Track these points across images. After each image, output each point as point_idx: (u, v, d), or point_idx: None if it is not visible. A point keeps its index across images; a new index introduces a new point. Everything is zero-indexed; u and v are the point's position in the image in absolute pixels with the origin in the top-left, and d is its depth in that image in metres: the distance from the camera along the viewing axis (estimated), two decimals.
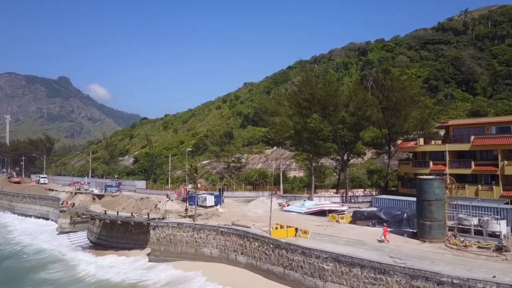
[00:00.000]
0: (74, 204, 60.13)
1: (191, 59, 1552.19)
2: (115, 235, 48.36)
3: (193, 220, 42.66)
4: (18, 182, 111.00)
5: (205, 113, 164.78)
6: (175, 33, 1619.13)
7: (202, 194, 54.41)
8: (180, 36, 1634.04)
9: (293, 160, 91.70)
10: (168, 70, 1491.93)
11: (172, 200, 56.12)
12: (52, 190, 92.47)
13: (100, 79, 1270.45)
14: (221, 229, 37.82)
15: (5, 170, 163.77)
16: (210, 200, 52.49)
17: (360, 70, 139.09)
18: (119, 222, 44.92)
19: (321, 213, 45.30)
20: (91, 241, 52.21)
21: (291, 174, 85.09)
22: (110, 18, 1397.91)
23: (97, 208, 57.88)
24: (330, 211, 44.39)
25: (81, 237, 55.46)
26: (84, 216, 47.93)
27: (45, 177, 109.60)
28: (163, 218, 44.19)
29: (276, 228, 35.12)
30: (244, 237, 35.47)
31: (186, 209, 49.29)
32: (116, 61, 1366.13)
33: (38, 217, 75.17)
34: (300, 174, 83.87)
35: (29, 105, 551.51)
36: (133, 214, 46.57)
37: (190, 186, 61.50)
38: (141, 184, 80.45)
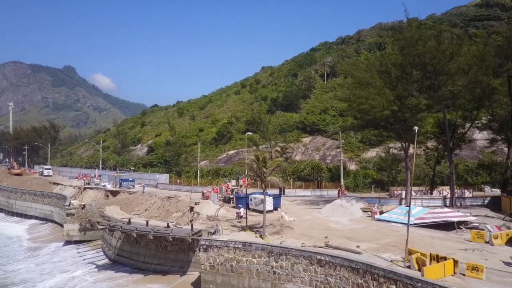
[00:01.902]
0: (84, 205, 46.69)
1: (198, 46, 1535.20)
2: (142, 252, 34.94)
3: (261, 237, 29.01)
4: (19, 174, 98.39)
5: (223, 98, 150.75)
6: (181, 20, 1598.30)
7: (255, 193, 40.74)
8: (185, 24, 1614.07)
9: (339, 150, 77.59)
10: (173, 59, 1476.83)
11: (213, 202, 42.58)
12: (57, 184, 79.57)
13: (104, 69, 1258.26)
14: (318, 256, 24.03)
15: (7, 160, 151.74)
16: (268, 202, 38.75)
17: (400, 49, 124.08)
18: (151, 237, 31.34)
19: (439, 226, 31.63)
20: (108, 258, 38.89)
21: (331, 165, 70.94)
22: (115, 6, 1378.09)
23: (114, 210, 44.44)
24: (459, 223, 30.66)
25: (95, 250, 42.23)
26: (101, 226, 34.59)
27: (50, 169, 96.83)
28: (214, 232, 30.59)
29: (419, 260, 21.38)
30: (365, 273, 21.67)
31: (241, 216, 35.69)
32: (120, 51, 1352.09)
33: (41, 219, 61.92)
34: (351, 166, 70.21)
35: (34, 94, 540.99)
36: (169, 225, 32.98)
37: (233, 182, 47.83)
38: (164, 178, 67.03)
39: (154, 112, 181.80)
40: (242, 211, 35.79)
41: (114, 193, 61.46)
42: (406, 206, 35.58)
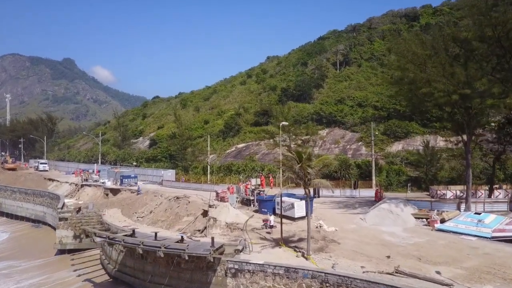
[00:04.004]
0: (79, 208, 40.07)
1: (199, 36, 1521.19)
2: (149, 269, 28.38)
3: (305, 257, 22.47)
4: (13, 169, 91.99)
5: (228, 89, 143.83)
6: (180, 9, 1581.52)
7: (285, 197, 34.07)
8: (185, 13, 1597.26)
9: (361, 143, 70.98)
10: (173, 49, 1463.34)
11: (232, 205, 35.97)
12: (53, 180, 73.25)
13: (103, 62, 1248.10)
14: None
15: (3, 153, 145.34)
16: (300, 207, 32.24)
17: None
18: (161, 255, 24.76)
19: None
20: (108, 273, 32.33)
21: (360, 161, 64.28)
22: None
23: (115, 216, 38.04)
24: None
25: (92, 262, 35.64)
26: (98, 239, 28.03)
27: (45, 163, 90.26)
28: (242, 249, 24.04)
29: None
30: None
31: (271, 226, 29.14)
32: (119, 43, 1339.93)
33: (33, 220, 55.32)
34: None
35: (33, 87, 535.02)
36: (183, 238, 26.34)
37: (253, 181, 41.21)
38: (169, 174, 60.44)
39: (155, 104, 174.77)
40: (272, 219, 29.23)
41: (115, 192, 55.15)
42: (475, 213, 28.97)
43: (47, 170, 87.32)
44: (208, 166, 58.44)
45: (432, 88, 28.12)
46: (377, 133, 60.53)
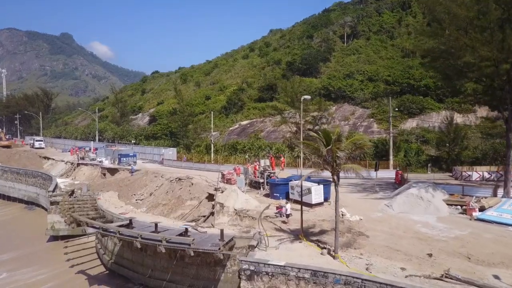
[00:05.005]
0: (72, 192, 36.56)
1: (198, 9, 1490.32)
2: (149, 263, 25.17)
3: (331, 255, 19.07)
4: (8, 146, 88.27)
5: (230, 63, 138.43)
6: None
7: (296, 178, 30.53)
8: None
9: (373, 120, 67.05)
10: (172, 24, 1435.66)
11: (239, 188, 32.48)
12: (48, 158, 69.82)
13: (101, 37, 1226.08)
14: None
15: (0, 129, 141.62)
16: (318, 193, 28.68)
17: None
18: (162, 250, 21.39)
19: None
20: (104, 265, 29.15)
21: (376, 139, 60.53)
22: None
23: (111, 200, 34.58)
24: None
25: (87, 251, 32.41)
26: (90, 230, 24.55)
27: (41, 141, 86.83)
28: (257, 245, 20.63)
29: None
30: None
31: (288, 215, 25.67)
32: (117, 18, 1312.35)
33: (26, 202, 52.05)
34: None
35: (31, 62, 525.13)
36: (188, 230, 22.86)
37: (262, 162, 37.55)
38: (170, 153, 56.81)
39: (155, 79, 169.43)
40: (288, 207, 25.73)
41: (112, 171, 51.76)
42: None
43: (43, 148, 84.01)
44: (212, 145, 54.66)
45: (475, 57, 23.96)
46: (396, 109, 56.42)
